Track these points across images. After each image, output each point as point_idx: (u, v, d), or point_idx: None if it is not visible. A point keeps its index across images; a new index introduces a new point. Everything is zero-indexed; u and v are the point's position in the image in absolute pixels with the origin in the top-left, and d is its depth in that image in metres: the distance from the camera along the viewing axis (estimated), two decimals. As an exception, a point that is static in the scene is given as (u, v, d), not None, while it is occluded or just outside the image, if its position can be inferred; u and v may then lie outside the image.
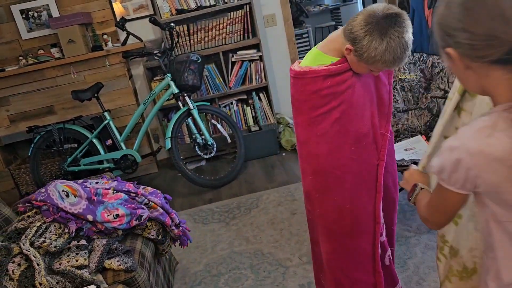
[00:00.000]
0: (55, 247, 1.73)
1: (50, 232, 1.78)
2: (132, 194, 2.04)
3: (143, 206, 2.00)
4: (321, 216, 1.72)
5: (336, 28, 7.51)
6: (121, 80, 3.95)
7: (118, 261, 1.83)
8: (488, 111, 0.91)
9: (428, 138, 2.80)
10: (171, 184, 3.97)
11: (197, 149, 3.81)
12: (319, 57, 1.60)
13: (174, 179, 4.05)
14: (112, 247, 1.85)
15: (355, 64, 1.51)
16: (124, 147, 3.82)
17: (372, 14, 1.41)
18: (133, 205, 1.98)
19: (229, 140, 3.92)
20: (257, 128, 4.13)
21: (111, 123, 3.79)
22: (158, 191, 2.26)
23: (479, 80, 0.90)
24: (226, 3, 3.93)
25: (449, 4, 0.88)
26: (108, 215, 1.88)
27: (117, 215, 1.88)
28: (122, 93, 3.98)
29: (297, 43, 4.50)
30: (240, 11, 3.96)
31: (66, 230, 1.83)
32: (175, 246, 2.47)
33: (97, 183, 2.14)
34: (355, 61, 1.49)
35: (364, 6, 7.24)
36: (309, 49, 5.31)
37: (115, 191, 1.98)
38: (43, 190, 1.86)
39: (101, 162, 3.85)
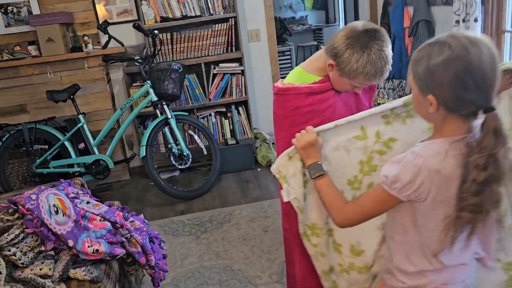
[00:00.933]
0: (22, 263, 1.65)
1: (26, 243, 1.69)
2: (117, 225, 1.96)
3: (124, 239, 1.91)
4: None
5: (318, 48, 7.62)
6: (99, 84, 3.87)
7: (84, 271, 1.76)
8: (435, 138, 1.13)
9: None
10: (142, 193, 3.89)
11: (172, 159, 3.75)
12: (302, 76, 1.61)
13: (146, 187, 3.97)
14: (79, 258, 1.77)
15: (337, 81, 1.52)
16: (96, 152, 3.73)
17: (353, 29, 1.45)
18: (114, 239, 1.89)
19: (205, 152, 3.88)
20: (234, 141, 4.11)
21: (85, 126, 3.70)
22: (144, 228, 2.10)
23: (436, 117, 1.11)
24: (212, 15, 3.93)
25: (446, 65, 1.03)
26: (88, 247, 1.78)
27: (97, 251, 1.80)
28: (99, 97, 3.90)
29: (279, 60, 4.52)
30: (225, 24, 3.96)
31: (42, 247, 1.74)
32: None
33: (88, 203, 2.04)
34: (338, 77, 1.50)
35: (346, 29, 7.36)
36: (291, 67, 5.45)
37: (102, 219, 1.89)
38: (34, 196, 1.74)
39: (71, 165, 3.74)
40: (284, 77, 1.72)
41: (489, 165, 1.02)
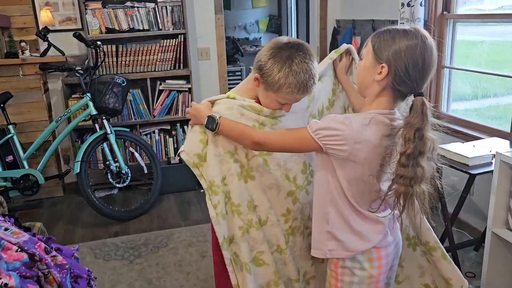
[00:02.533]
0: None
1: None
2: (35, 258, 1.74)
3: (40, 274, 1.71)
4: None
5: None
6: (34, 93, 3.63)
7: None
8: (364, 111, 1.32)
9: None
10: (75, 212, 3.64)
11: (109, 176, 3.56)
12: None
13: (80, 205, 3.72)
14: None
15: (264, 96, 1.48)
16: (26, 166, 3.47)
17: (277, 42, 1.44)
18: (28, 273, 1.68)
19: (146, 171, 3.72)
20: (177, 161, 3.97)
21: (15, 137, 3.43)
22: (67, 265, 1.86)
23: (374, 88, 1.29)
24: (161, 29, 3.82)
25: (408, 45, 1.21)
26: (-3, 279, 1.58)
27: (5, 284, 1.59)
28: (33, 107, 3.64)
29: (229, 80, 4.47)
30: (174, 40, 3.85)
31: None
32: None
33: (6, 230, 1.80)
34: (264, 92, 1.46)
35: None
36: None
37: (19, 249, 1.67)
38: None
39: (-3, 179, 3.45)
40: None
41: (416, 139, 1.18)
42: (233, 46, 6.10)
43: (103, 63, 3.72)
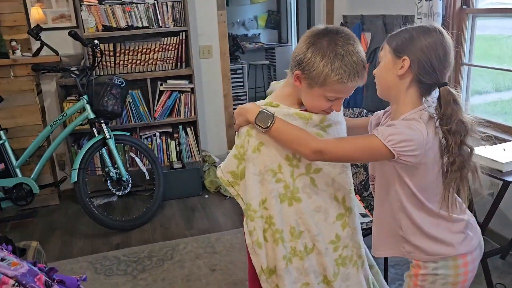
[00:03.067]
0: None
1: None
2: None
3: None
4: None
5: (269, 68, 7.46)
6: (27, 96, 3.40)
7: None
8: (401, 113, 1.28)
9: (362, 198, 2.64)
10: (72, 221, 3.43)
11: (109, 183, 3.35)
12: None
13: (77, 214, 3.51)
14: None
15: (309, 97, 1.27)
16: (19, 174, 3.25)
17: (311, 31, 1.26)
18: None
19: (148, 177, 3.51)
20: (180, 165, 3.77)
21: (6, 144, 3.22)
22: None
23: (400, 86, 1.27)
24: (161, 27, 3.61)
25: (427, 39, 1.23)
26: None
27: None
28: (26, 111, 3.42)
29: (231, 78, 4.27)
30: (175, 38, 3.65)
31: None
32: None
33: (2, 260, 1.59)
34: (308, 91, 1.26)
35: (298, 49, 7.27)
36: (243, 85, 5.05)
37: (16, 284, 1.46)
38: None
39: (-12, 189, 3.23)
40: (237, 97, 1.48)
41: (459, 128, 1.20)
42: (233, 43, 5.90)
43: (100, 63, 3.50)
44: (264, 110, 1.26)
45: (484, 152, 2.24)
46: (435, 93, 1.27)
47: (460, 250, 1.32)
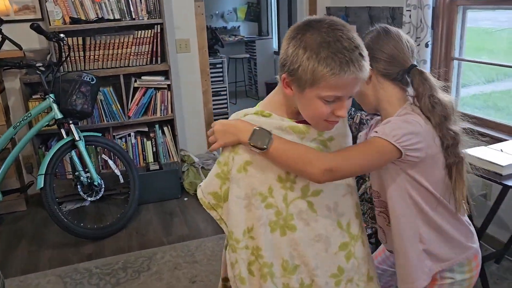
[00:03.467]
0: None
1: None
2: None
3: None
4: None
5: (250, 61, 7.26)
6: (-12, 94, 3.14)
7: None
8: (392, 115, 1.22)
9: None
10: (41, 229, 3.19)
11: (79, 189, 3.12)
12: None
13: (46, 221, 3.25)
14: None
15: (303, 104, 1.06)
16: (-20, 180, 2.99)
17: (293, 26, 1.07)
18: None
19: (122, 180, 3.29)
20: (157, 166, 3.55)
21: (-35, 148, 2.95)
22: None
23: (379, 92, 1.24)
24: (134, 19, 3.37)
25: (375, 37, 1.25)
26: None
27: None
28: (-14, 110, 3.16)
29: (210, 73, 4.05)
30: (150, 31, 3.41)
31: None
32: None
33: None
34: (301, 97, 1.05)
35: (279, 42, 7.10)
36: (223, 81, 4.79)
37: None
38: None
39: None
40: (216, 92, 1.28)
41: (435, 105, 1.18)
42: (212, 36, 5.67)
43: (68, 59, 3.25)
44: (259, 128, 1.07)
45: (482, 154, 2.10)
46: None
47: (474, 251, 1.30)
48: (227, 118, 4.23)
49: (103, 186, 3.14)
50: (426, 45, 2.77)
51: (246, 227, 1.09)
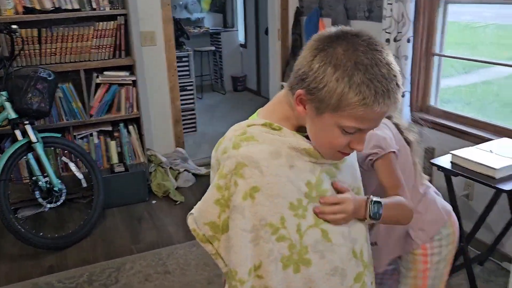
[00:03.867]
0: None
1: None
2: None
3: None
4: None
5: (215, 54, 7.03)
6: None
7: None
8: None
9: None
10: (-5, 239, 2.90)
11: (37, 194, 2.86)
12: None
13: (2, 231, 2.95)
14: None
15: (316, 127, 0.91)
16: None
17: (320, 34, 0.89)
18: None
19: (85, 184, 3.04)
20: (122, 168, 3.32)
21: None
22: None
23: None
24: (95, 9, 3.11)
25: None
26: None
27: None
28: None
29: (177, 67, 3.83)
30: (112, 22, 3.16)
31: None
32: None
33: None
34: (316, 120, 0.89)
35: (246, 34, 6.91)
36: (189, 75, 4.53)
37: None
38: None
39: None
40: (183, 87, 1.10)
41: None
42: (177, 27, 5.40)
43: (22, 53, 2.96)
44: (370, 199, 1.02)
45: (473, 156, 2.03)
46: None
47: (446, 212, 1.54)
48: (194, 114, 3.97)
49: (64, 191, 2.90)
50: (408, 40, 2.68)
51: (253, 265, 0.93)
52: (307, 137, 0.97)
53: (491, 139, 2.36)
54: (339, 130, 0.88)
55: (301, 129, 0.98)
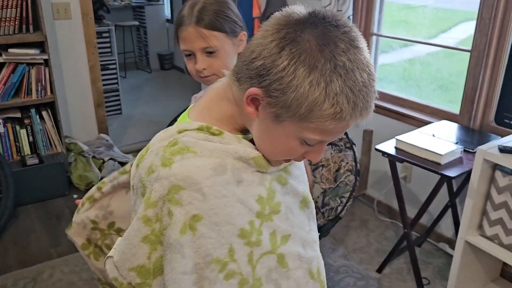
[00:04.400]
0: None
1: None
2: None
3: None
4: None
5: (139, 29, 6.57)
6: None
7: None
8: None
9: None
10: None
11: None
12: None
13: None
14: None
15: (271, 137, 0.72)
16: None
17: (287, 15, 0.67)
18: None
19: (-10, 180, 2.64)
20: (36, 160, 2.93)
21: None
22: None
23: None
24: (-7, -25, 2.65)
25: None
26: None
27: None
28: None
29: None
30: (16, -9, 2.72)
31: None
32: None
33: None
34: (272, 127, 0.70)
35: (172, 8, 6.50)
36: (111, 52, 4.14)
37: None
38: None
39: None
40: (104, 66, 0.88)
41: None
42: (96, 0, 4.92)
43: None
44: None
45: (417, 141, 1.97)
46: None
47: None
48: (118, 95, 3.62)
49: (-36, 190, 2.48)
50: (348, 19, 2.56)
51: None
52: (251, 141, 0.78)
53: (429, 122, 2.34)
54: (298, 141, 0.70)
55: (243, 131, 0.78)
